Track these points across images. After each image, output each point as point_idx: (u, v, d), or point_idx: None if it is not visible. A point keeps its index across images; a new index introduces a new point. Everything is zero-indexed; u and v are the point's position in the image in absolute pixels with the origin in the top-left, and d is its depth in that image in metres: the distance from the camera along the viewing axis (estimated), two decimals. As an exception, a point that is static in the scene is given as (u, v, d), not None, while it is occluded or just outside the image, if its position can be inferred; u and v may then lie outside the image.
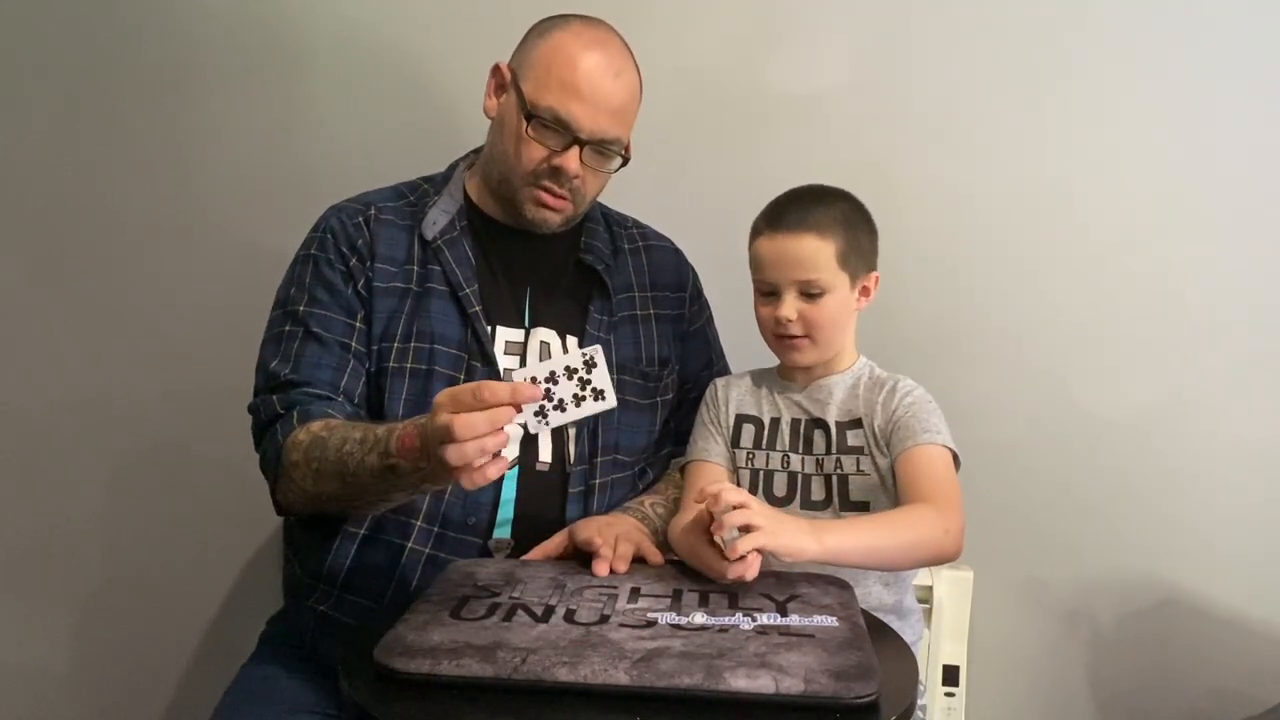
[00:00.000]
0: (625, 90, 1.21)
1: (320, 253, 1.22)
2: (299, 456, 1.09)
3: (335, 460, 1.05)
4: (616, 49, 1.21)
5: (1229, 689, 1.54)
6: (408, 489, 1.02)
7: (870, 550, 1.06)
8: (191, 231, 1.62)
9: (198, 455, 1.64)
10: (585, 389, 0.92)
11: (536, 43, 1.21)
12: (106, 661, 1.68)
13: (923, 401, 1.19)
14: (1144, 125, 1.52)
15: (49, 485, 1.66)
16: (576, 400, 0.92)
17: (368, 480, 1.02)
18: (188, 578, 1.66)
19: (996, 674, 1.59)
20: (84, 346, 1.64)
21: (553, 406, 0.92)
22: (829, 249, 1.17)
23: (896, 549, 1.08)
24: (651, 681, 0.81)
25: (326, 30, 1.59)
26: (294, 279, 1.24)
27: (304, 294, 1.21)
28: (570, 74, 1.17)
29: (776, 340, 1.22)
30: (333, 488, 1.07)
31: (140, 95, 1.61)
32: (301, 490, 1.11)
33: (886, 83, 1.55)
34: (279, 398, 1.16)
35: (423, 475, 0.97)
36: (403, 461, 0.97)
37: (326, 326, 1.19)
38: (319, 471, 1.07)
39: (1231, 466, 1.54)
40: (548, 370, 0.92)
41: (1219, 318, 1.52)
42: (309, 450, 1.08)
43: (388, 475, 1.00)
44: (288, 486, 1.13)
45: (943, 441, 1.16)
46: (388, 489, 1.03)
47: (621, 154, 1.23)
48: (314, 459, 1.07)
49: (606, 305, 1.30)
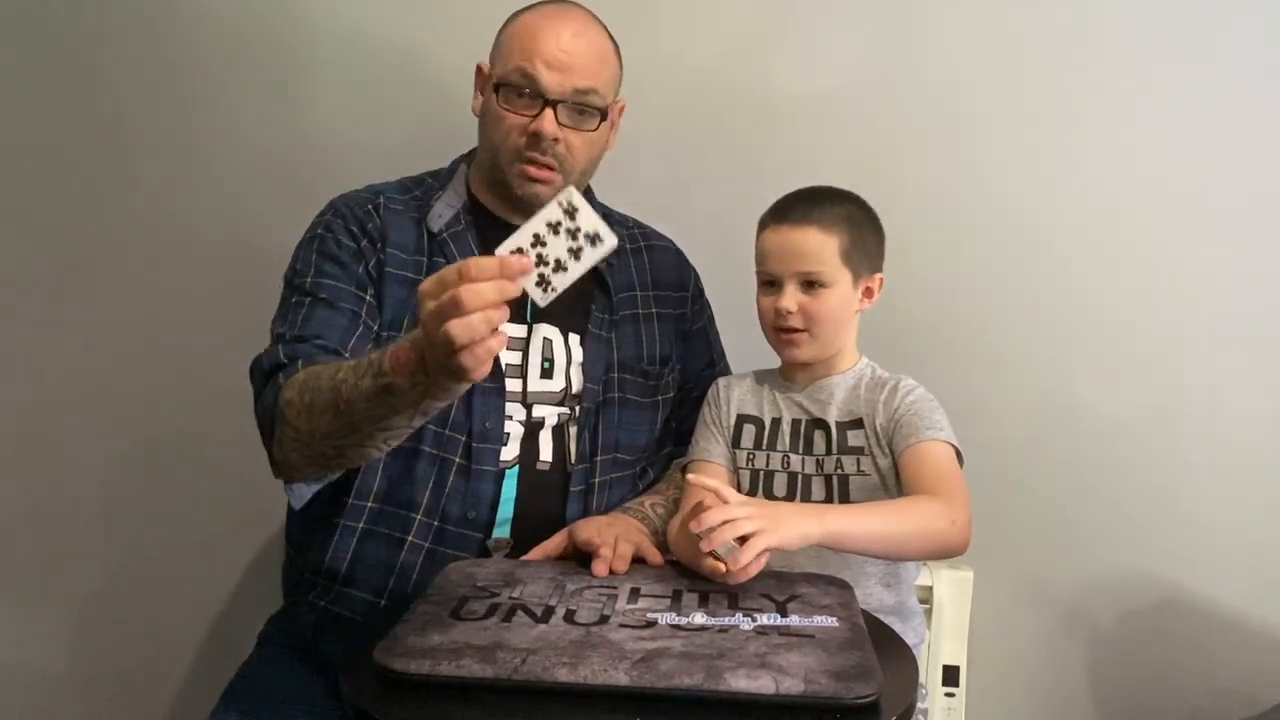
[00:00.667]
0: (588, 46, 1.20)
1: (328, 233, 1.21)
2: (293, 394, 1.03)
3: (329, 391, 0.98)
4: (579, 16, 1.23)
5: (1229, 689, 1.54)
6: (407, 411, 0.94)
7: (874, 535, 1.04)
8: (192, 231, 1.62)
9: (197, 455, 1.64)
10: (578, 238, 0.83)
11: (503, 30, 1.24)
12: (106, 661, 1.68)
13: (925, 399, 1.19)
14: (1146, 124, 1.51)
15: (49, 485, 1.66)
16: (574, 254, 0.84)
17: (362, 408, 0.95)
18: (187, 577, 1.66)
19: (996, 674, 1.59)
20: (84, 346, 1.64)
21: (551, 270, 0.84)
22: (832, 243, 1.18)
23: (901, 536, 1.07)
24: (652, 682, 0.81)
25: (329, 31, 1.59)
26: (300, 259, 1.21)
27: (310, 269, 1.19)
28: (531, 39, 1.19)
29: (775, 334, 1.22)
30: (326, 422, 0.99)
31: (141, 95, 1.61)
32: (296, 433, 1.04)
33: (888, 82, 1.55)
34: (284, 348, 1.12)
35: (422, 390, 0.90)
36: (398, 379, 0.90)
37: (336, 296, 1.17)
38: (312, 405, 1.00)
39: (1232, 466, 1.54)
40: (529, 235, 0.83)
41: (1219, 318, 1.52)
42: (304, 385, 1.03)
43: (384, 398, 0.93)
44: (283, 433, 1.06)
45: (946, 438, 1.16)
46: (385, 414, 0.95)
47: (600, 110, 1.22)
48: (308, 392, 1.01)
49: (608, 304, 1.30)
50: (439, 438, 1.18)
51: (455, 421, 1.19)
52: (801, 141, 1.55)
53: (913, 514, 1.08)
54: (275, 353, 1.12)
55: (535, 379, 1.24)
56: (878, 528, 1.05)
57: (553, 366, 1.25)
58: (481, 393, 1.19)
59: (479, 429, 1.19)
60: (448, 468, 1.18)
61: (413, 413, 0.95)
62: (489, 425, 1.20)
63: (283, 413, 1.05)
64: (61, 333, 1.64)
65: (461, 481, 1.19)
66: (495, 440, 1.20)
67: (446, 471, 1.18)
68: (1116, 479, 1.56)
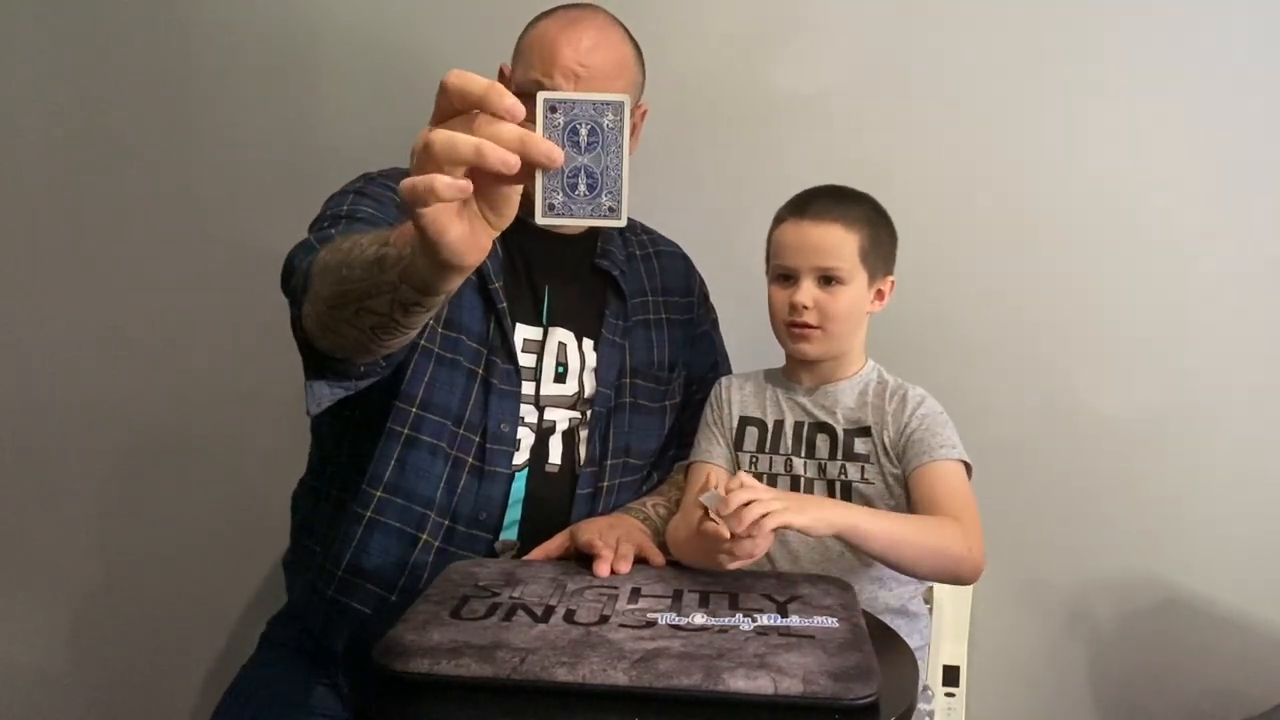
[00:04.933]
0: (606, 56, 1.20)
1: (365, 185, 1.18)
2: (324, 252, 0.94)
3: (344, 252, 0.89)
4: (601, 23, 1.22)
5: (1229, 689, 1.54)
6: (387, 293, 0.83)
7: (893, 539, 1.04)
8: (194, 231, 1.62)
9: (198, 455, 1.64)
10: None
11: (524, 34, 1.24)
12: (106, 661, 1.69)
13: (935, 414, 1.19)
14: (1147, 125, 1.51)
15: (49, 485, 1.66)
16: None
17: (357, 275, 0.86)
18: (188, 578, 1.66)
19: (996, 674, 1.59)
20: (85, 346, 1.64)
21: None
22: (853, 241, 1.18)
23: (920, 548, 1.06)
24: (650, 682, 0.81)
25: (335, 32, 1.59)
26: (331, 204, 1.16)
27: (345, 204, 1.13)
28: (551, 50, 1.18)
29: (787, 329, 1.21)
30: (329, 284, 0.90)
31: (143, 95, 1.61)
32: (313, 293, 0.95)
33: (888, 82, 1.55)
34: (332, 227, 1.05)
35: (403, 266, 0.79)
36: (392, 249, 0.81)
37: (374, 221, 1.10)
38: (327, 265, 0.92)
39: (1232, 467, 1.53)
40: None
41: (1220, 318, 1.52)
42: (333, 245, 0.94)
43: (374, 269, 0.83)
44: (308, 291, 0.96)
45: (958, 456, 1.15)
46: (369, 289, 0.85)
47: None
48: (332, 250, 0.93)
49: (622, 309, 1.30)
50: (454, 436, 1.18)
51: (470, 422, 1.19)
52: (802, 142, 1.55)
53: (935, 532, 1.07)
54: (325, 229, 1.05)
55: (549, 383, 1.24)
56: (898, 535, 1.04)
57: (566, 371, 1.25)
58: (498, 394, 1.20)
59: (494, 430, 1.19)
60: (461, 467, 1.19)
61: (391, 299, 0.84)
62: (504, 428, 1.20)
63: (311, 273, 0.97)
64: (61, 331, 1.64)
65: (474, 482, 1.19)
66: (509, 443, 1.20)
67: (460, 471, 1.19)
68: (1116, 479, 1.56)
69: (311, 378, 1.02)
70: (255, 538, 1.65)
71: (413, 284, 0.79)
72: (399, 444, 1.17)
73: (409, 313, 0.85)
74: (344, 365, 1.01)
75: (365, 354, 0.98)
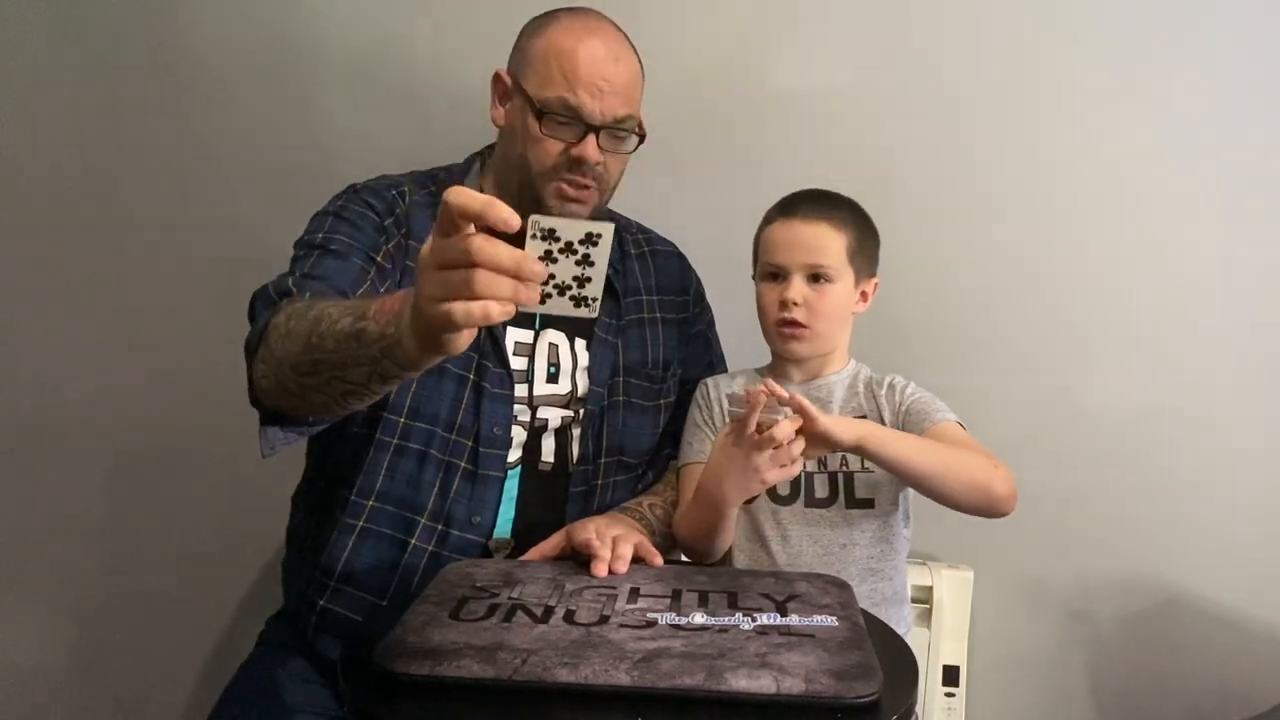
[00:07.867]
0: (627, 72, 1.21)
1: (346, 204, 1.20)
2: (282, 317, 0.99)
3: (311, 321, 0.93)
4: (611, 34, 1.22)
5: (1229, 689, 1.54)
6: (366, 366, 0.88)
7: (918, 446, 1.10)
8: (194, 231, 1.62)
9: (198, 455, 1.64)
10: (575, 249, 0.77)
11: (532, 42, 1.22)
12: (106, 661, 1.68)
13: (923, 391, 1.23)
14: (1148, 126, 1.51)
15: (49, 484, 1.66)
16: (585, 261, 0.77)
17: (330, 347, 0.90)
18: (187, 578, 1.66)
19: (996, 674, 1.59)
20: (85, 346, 1.64)
21: (577, 287, 0.78)
22: (841, 240, 1.20)
23: (942, 463, 1.10)
24: (653, 682, 0.81)
25: (335, 32, 1.59)
26: (313, 225, 1.19)
27: (323, 230, 1.17)
28: (571, 65, 1.18)
29: (776, 327, 1.22)
30: (297, 351, 0.94)
31: (144, 95, 1.61)
32: (270, 355, 0.98)
33: (888, 82, 1.55)
34: (293, 280, 1.09)
35: (386, 344, 0.84)
36: (373, 324, 0.85)
37: (348, 250, 1.15)
38: (291, 332, 0.95)
39: (1232, 467, 1.54)
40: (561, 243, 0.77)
41: (1220, 319, 1.52)
42: (295, 311, 0.97)
43: (351, 342, 0.87)
44: (264, 354, 1.00)
45: (955, 419, 1.19)
46: (346, 360, 0.89)
47: (636, 132, 1.23)
48: (294, 318, 0.96)
49: (615, 309, 1.30)
50: (444, 441, 1.18)
51: (462, 426, 1.19)
52: (801, 141, 1.55)
53: (954, 449, 1.12)
54: (284, 282, 1.09)
55: (541, 383, 1.24)
56: (920, 445, 1.11)
57: (558, 371, 1.25)
58: (490, 398, 1.20)
59: (487, 434, 1.19)
60: (453, 471, 1.19)
61: (370, 370, 0.88)
62: (497, 431, 1.20)
63: (268, 335, 1.01)
64: (61, 335, 1.64)
65: (467, 486, 1.19)
66: (501, 446, 1.20)
67: (452, 475, 1.19)
68: (1116, 479, 1.56)
69: (265, 423, 1.05)
70: (254, 538, 1.65)
71: (397, 361, 0.84)
72: (388, 454, 1.17)
73: (386, 382, 0.90)
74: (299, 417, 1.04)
75: (327, 414, 1.02)
